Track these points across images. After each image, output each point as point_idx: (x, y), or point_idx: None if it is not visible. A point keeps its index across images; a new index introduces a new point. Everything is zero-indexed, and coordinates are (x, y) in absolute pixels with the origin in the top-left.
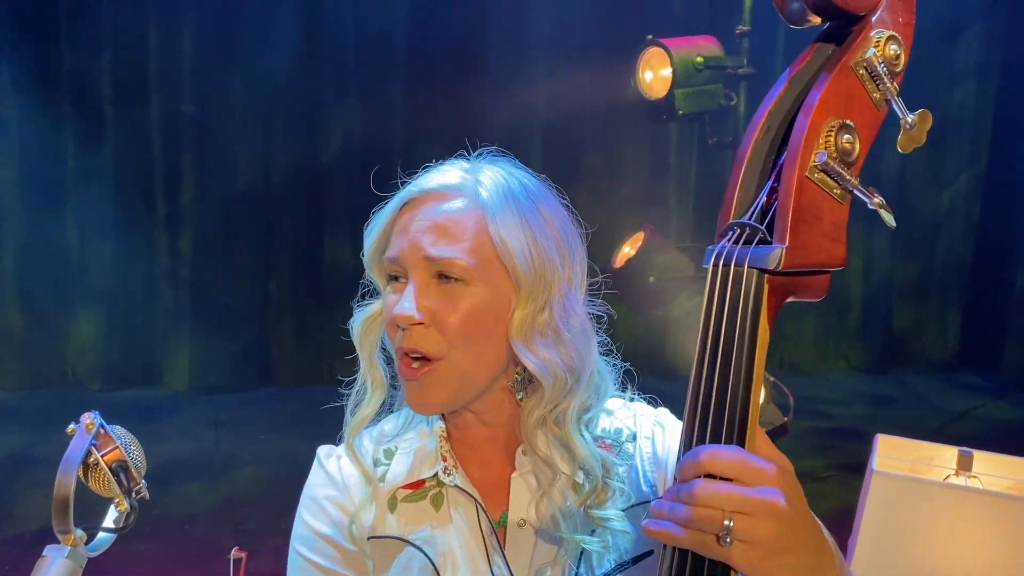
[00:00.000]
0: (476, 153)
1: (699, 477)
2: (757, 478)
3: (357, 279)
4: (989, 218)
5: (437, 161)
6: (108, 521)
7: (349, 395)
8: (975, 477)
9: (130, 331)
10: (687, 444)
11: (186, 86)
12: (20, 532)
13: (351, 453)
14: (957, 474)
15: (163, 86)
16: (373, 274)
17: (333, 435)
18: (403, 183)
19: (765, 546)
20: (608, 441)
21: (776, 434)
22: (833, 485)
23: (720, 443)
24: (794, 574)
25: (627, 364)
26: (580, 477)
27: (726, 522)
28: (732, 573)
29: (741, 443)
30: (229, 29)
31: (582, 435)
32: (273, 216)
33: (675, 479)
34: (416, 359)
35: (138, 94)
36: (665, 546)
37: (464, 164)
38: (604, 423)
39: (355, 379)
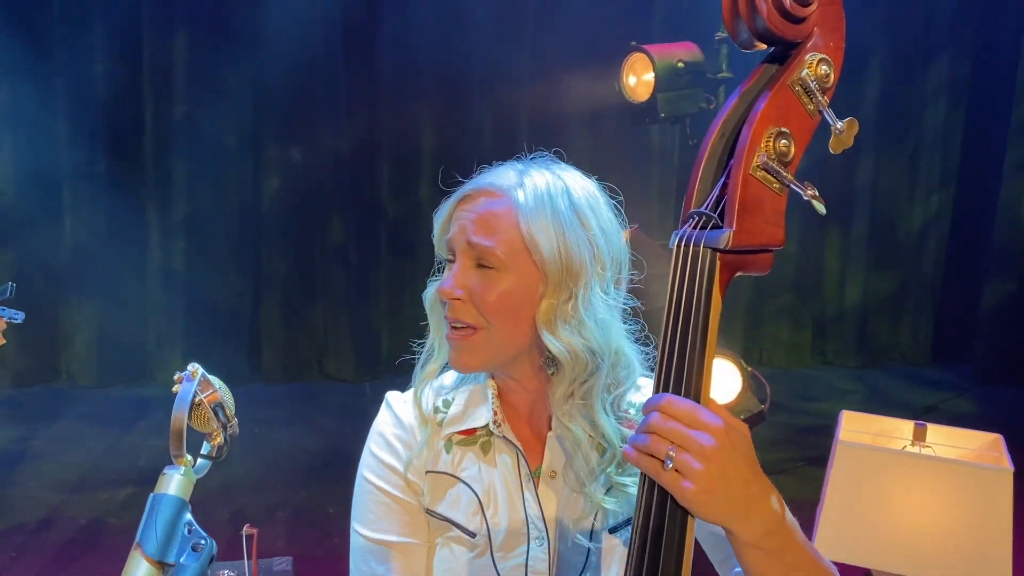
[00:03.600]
0: (531, 156)
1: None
2: (701, 426)
3: (349, 277)
4: (960, 233)
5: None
6: (203, 451)
7: (419, 353)
8: (929, 447)
9: (123, 328)
10: (655, 390)
11: (179, 86)
12: (22, 522)
13: (416, 401)
14: (913, 444)
15: (156, 86)
16: (442, 252)
17: (322, 429)
18: (462, 181)
19: (700, 481)
20: (631, 417)
21: (753, 421)
22: (804, 476)
23: (680, 392)
24: (725, 512)
25: None
26: (604, 441)
27: (669, 451)
28: (689, 519)
29: (698, 390)
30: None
31: (605, 412)
32: (265, 214)
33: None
34: (457, 327)
35: (131, 93)
36: (640, 497)
37: (519, 166)
38: (634, 398)
39: (425, 341)
